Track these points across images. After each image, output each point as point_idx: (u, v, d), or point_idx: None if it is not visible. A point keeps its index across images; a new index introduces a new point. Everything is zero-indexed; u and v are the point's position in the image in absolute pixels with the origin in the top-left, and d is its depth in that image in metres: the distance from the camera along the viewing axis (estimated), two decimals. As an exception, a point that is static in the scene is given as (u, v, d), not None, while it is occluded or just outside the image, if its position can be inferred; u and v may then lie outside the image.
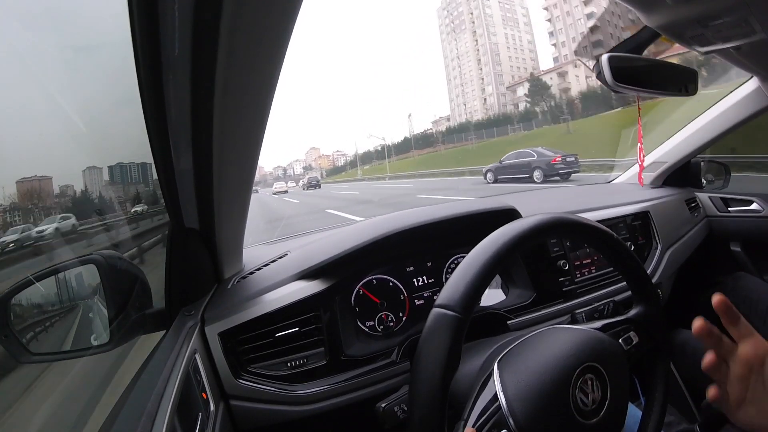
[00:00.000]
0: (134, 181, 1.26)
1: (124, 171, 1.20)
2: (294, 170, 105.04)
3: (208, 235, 0.67)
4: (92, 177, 1.12)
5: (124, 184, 1.27)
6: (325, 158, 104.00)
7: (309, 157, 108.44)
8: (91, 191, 1.15)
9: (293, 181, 62.66)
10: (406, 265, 0.86)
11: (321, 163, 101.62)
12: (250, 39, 0.37)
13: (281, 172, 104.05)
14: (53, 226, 1.03)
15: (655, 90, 0.90)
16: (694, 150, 1.36)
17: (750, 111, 1.19)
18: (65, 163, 1.00)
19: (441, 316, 0.46)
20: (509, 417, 0.44)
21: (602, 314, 0.81)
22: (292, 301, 0.72)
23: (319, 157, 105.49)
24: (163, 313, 0.69)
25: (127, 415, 0.44)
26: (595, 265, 1.00)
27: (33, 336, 0.71)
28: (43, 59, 0.74)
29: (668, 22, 0.72)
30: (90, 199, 1.14)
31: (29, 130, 0.82)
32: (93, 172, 1.12)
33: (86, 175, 1.10)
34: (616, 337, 0.55)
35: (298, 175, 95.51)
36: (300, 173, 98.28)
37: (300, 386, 0.70)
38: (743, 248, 1.33)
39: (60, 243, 1.00)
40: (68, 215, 1.07)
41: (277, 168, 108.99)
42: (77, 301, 0.80)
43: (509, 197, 1.45)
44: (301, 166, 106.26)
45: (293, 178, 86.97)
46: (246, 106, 0.45)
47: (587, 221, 0.58)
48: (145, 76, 0.44)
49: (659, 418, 0.57)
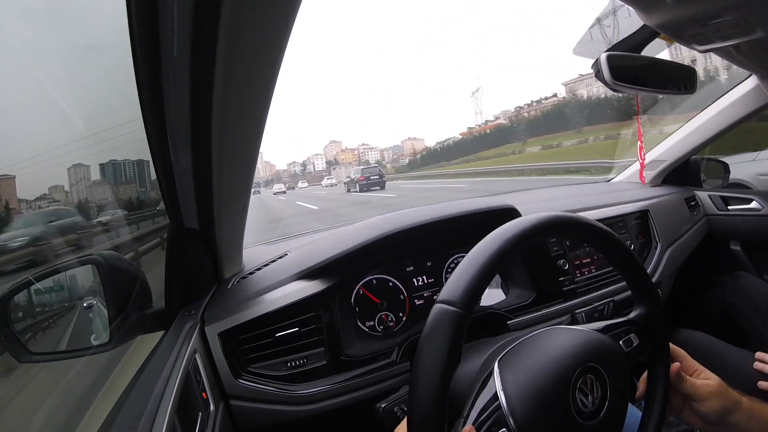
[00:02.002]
0: (131, 181, 1.26)
1: (125, 170, 1.20)
2: (315, 166, 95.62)
3: (208, 235, 0.67)
4: (91, 176, 1.12)
5: (115, 184, 1.27)
6: (350, 152, 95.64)
7: (329, 151, 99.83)
8: (91, 191, 1.15)
9: (304, 180, 57.95)
10: (406, 265, 0.86)
11: (345, 157, 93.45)
12: (249, 39, 0.37)
13: (299, 168, 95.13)
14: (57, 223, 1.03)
15: (654, 88, 0.90)
16: (694, 148, 1.36)
17: (749, 109, 1.19)
18: (65, 163, 1.00)
19: (443, 312, 0.46)
20: (509, 416, 0.44)
21: (602, 314, 0.81)
22: (292, 301, 0.72)
23: (342, 151, 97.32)
24: (162, 313, 0.69)
25: (127, 415, 0.44)
26: (595, 264, 1.00)
27: (33, 336, 0.71)
28: (43, 59, 0.74)
29: (667, 21, 0.72)
30: (89, 199, 1.14)
31: (29, 130, 0.82)
32: (93, 171, 1.12)
33: (86, 175, 1.10)
34: (616, 338, 0.55)
35: (319, 171, 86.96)
36: (322, 169, 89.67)
37: (300, 386, 0.70)
38: (743, 247, 1.33)
39: (60, 242, 1.00)
40: (69, 212, 1.07)
41: (293, 164, 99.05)
42: (77, 301, 0.80)
43: (509, 196, 1.45)
44: (322, 160, 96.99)
45: (313, 174, 79.47)
46: (245, 106, 0.45)
47: (589, 221, 0.58)
48: (144, 76, 0.44)
49: (659, 419, 0.57)
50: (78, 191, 1.11)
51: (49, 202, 1.03)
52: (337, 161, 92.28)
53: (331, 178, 46.51)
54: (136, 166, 1.19)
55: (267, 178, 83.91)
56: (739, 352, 0.92)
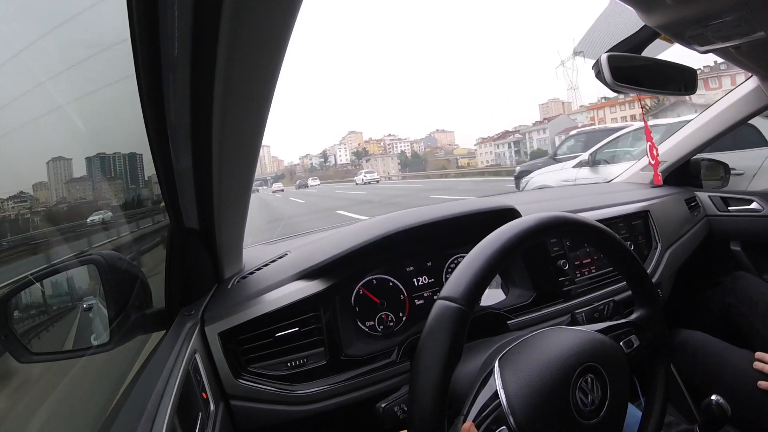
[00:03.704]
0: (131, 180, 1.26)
1: (125, 169, 1.20)
2: (336, 158, 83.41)
3: (208, 235, 0.67)
4: (91, 176, 1.12)
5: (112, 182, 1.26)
6: (375, 143, 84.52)
7: (348, 142, 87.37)
8: (90, 191, 1.15)
9: (315, 177, 46.58)
10: (406, 265, 0.86)
11: (372, 149, 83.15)
12: (250, 39, 0.37)
13: (317, 160, 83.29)
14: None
15: (655, 89, 0.90)
16: (694, 149, 1.36)
17: (749, 110, 1.20)
18: (64, 162, 1.00)
19: (444, 308, 0.46)
20: (509, 414, 0.44)
21: (602, 314, 0.81)
22: (292, 301, 0.73)
23: (366, 141, 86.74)
24: (163, 313, 0.69)
25: (127, 415, 0.44)
26: (595, 264, 1.00)
27: (33, 336, 0.71)
28: (43, 58, 0.74)
29: (668, 21, 0.72)
30: (89, 198, 1.14)
31: (28, 130, 0.82)
32: (93, 171, 1.12)
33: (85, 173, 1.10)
34: (617, 339, 0.55)
35: (343, 165, 73.79)
36: (346, 162, 76.81)
37: (300, 386, 0.70)
38: (743, 247, 1.33)
39: (61, 241, 1.00)
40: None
41: (307, 157, 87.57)
42: (77, 301, 0.80)
43: (509, 197, 1.45)
44: (346, 151, 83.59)
45: (336, 168, 65.65)
46: (245, 106, 0.46)
47: (590, 221, 0.58)
48: (145, 76, 0.44)
49: (659, 419, 0.57)
50: (77, 190, 1.11)
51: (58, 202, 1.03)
52: (367, 151, 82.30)
53: (371, 172, 34.42)
54: (137, 165, 1.18)
55: (275, 173, 76.45)
56: (739, 352, 0.92)
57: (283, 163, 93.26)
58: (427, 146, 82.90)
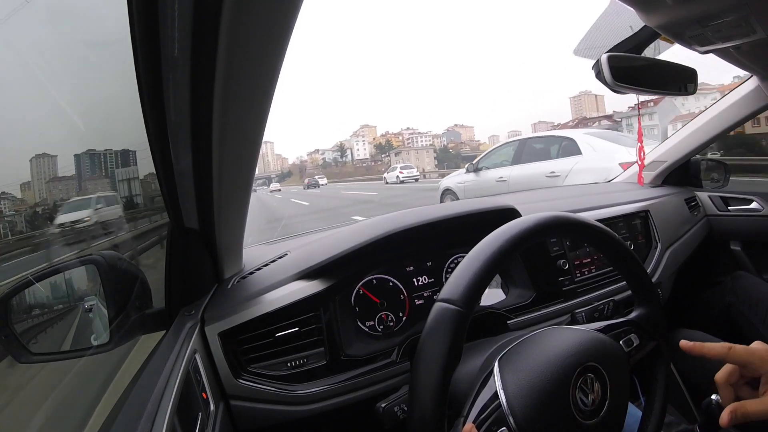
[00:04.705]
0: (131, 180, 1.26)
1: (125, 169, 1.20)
2: (353, 153, 76.61)
3: (208, 235, 0.67)
4: (90, 175, 1.12)
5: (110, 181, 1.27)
6: (393, 137, 79.19)
7: (360, 136, 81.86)
8: (88, 191, 1.15)
9: (323, 176, 40.19)
10: (406, 265, 0.86)
11: (392, 142, 78.92)
12: (250, 38, 0.37)
13: (330, 155, 76.23)
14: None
15: (655, 89, 0.90)
16: (694, 149, 1.36)
17: (749, 110, 1.20)
18: (63, 162, 1.00)
19: (443, 310, 0.46)
20: (509, 415, 0.44)
21: (602, 314, 0.81)
22: (292, 301, 0.72)
23: (382, 135, 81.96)
24: (163, 313, 0.69)
25: (127, 415, 0.44)
26: (595, 264, 1.00)
27: (33, 336, 0.71)
28: (43, 58, 0.74)
29: (668, 21, 0.72)
30: (88, 198, 1.14)
31: (27, 130, 0.82)
32: (93, 171, 1.12)
33: (83, 173, 1.10)
34: (617, 338, 0.55)
35: (362, 160, 65.31)
36: (366, 157, 68.67)
37: (300, 386, 0.70)
38: (743, 247, 1.34)
39: (61, 240, 1.00)
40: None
41: (315, 152, 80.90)
42: (77, 301, 0.80)
43: (509, 197, 1.45)
44: (364, 145, 75.24)
45: (353, 164, 57.18)
46: (246, 106, 0.45)
47: (590, 221, 0.58)
48: (145, 76, 0.44)
49: (659, 418, 0.57)
50: (75, 191, 1.12)
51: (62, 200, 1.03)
52: (392, 145, 76.26)
53: (409, 167, 28.25)
54: (137, 165, 1.18)
55: (281, 171, 70.97)
56: None
57: (287, 162, 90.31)
58: (450, 141, 79.58)
